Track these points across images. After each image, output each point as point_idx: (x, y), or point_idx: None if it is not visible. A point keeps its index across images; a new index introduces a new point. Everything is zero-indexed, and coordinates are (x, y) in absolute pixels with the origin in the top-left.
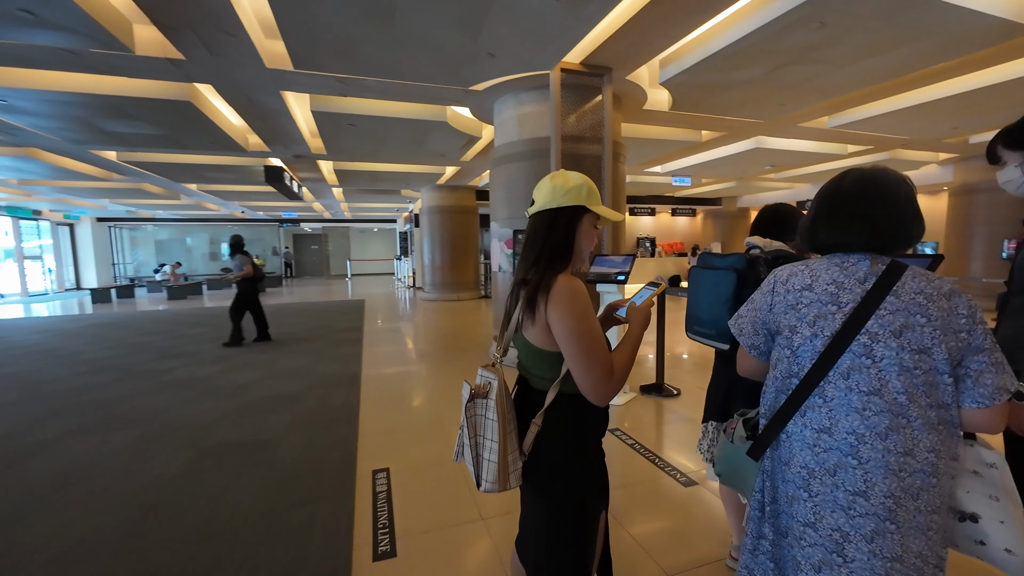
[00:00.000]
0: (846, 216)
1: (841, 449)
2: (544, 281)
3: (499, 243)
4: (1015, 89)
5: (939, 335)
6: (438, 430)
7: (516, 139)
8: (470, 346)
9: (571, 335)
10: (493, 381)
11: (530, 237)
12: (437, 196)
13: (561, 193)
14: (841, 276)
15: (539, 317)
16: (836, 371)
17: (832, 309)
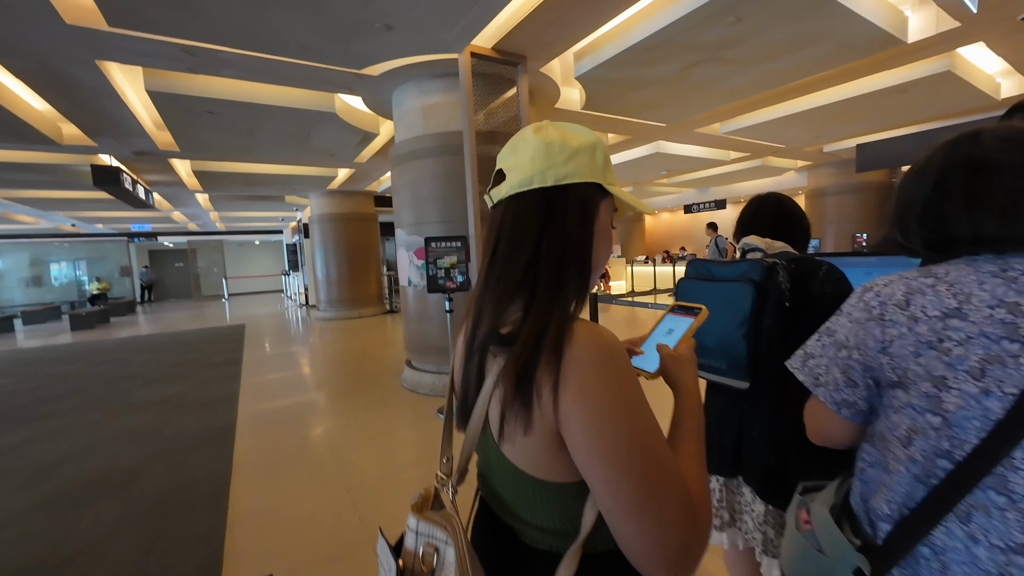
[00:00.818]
0: (1008, 194)
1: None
2: (550, 336)
3: (407, 253)
4: (868, 102)
5: None
6: (342, 496)
7: (421, 133)
8: (377, 371)
9: (622, 454)
10: (445, 546)
11: (505, 242)
12: (329, 203)
13: (563, 157)
14: (1010, 292)
15: (541, 417)
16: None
17: (1013, 349)
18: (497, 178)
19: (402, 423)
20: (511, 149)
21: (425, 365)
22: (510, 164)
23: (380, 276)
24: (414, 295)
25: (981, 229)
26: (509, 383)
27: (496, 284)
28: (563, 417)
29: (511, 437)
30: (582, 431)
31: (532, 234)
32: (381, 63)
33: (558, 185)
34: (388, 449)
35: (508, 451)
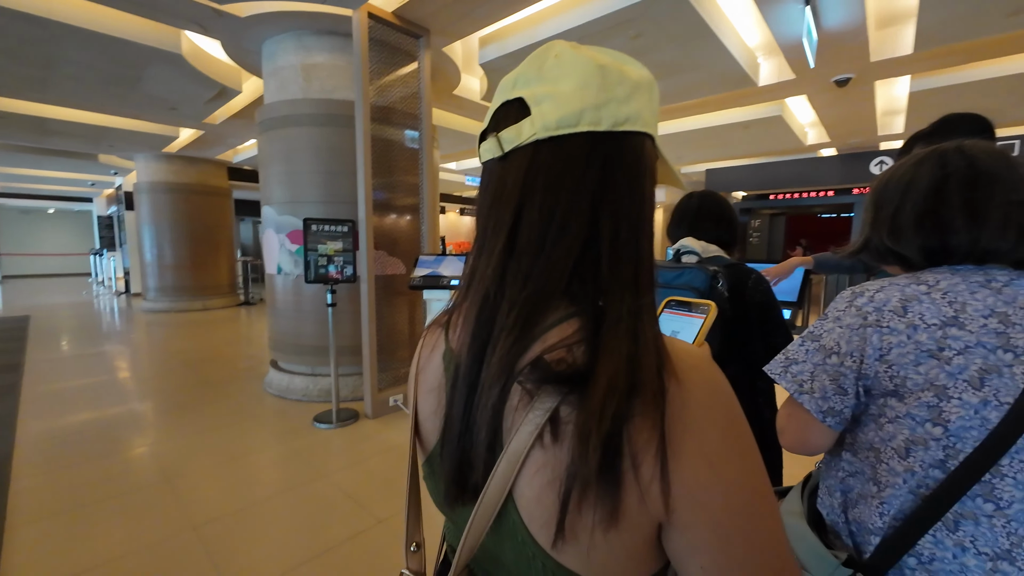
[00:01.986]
0: (1003, 208)
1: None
2: (641, 367)
3: (277, 236)
4: (718, 133)
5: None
6: (188, 539)
7: (300, 97)
8: (231, 375)
9: (760, 542)
10: None
11: (539, 213)
12: (165, 169)
13: (624, 91)
14: (998, 303)
15: (632, 497)
16: (1017, 458)
17: (1007, 358)
18: (508, 111)
19: (267, 437)
20: (537, 70)
21: (297, 366)
22: (540, 91)
23: (233, 262)
24: (284, 285)
25: (977, 240)
26: (591, 450)
27: (526, 279)
28: (678, 503)
29: (579, 532)
30: (708, 512)
31: (586, 200)
32: (251, 2)
33: (614, 131)
34: (248, 474)
35: (566, 553)
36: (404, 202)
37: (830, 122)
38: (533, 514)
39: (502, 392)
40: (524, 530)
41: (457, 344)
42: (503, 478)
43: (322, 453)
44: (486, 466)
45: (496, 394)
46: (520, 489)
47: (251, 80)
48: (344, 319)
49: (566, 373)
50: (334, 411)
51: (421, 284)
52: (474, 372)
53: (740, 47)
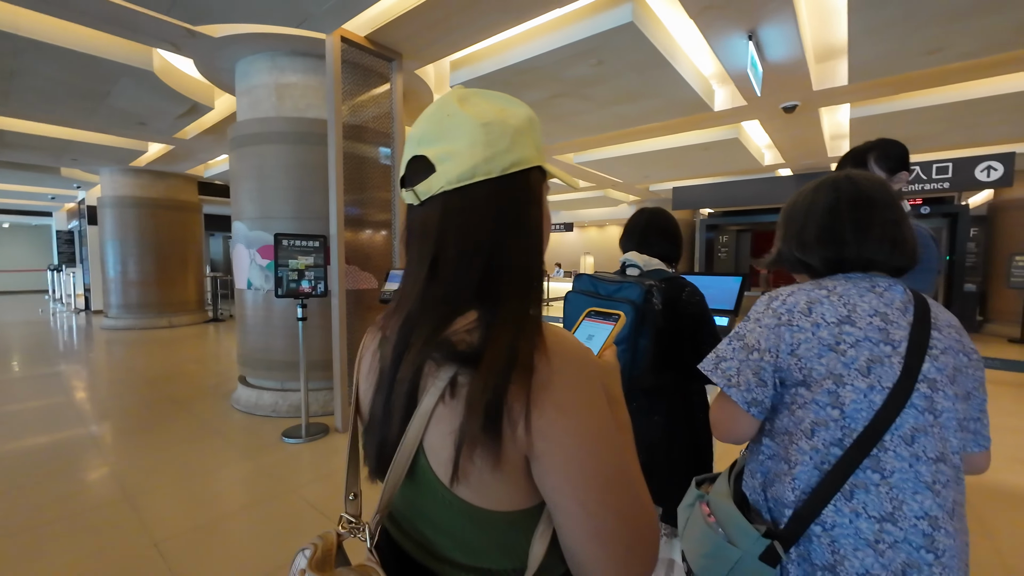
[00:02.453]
0: (879, 224)
1: (911, 542)
2: (518, 348)
3: (247, 251)
4: (681, 153)
5: (976, 374)
6: (148, 556)
7: (273, 115)
8: (196, 393)
9: (602, 480)
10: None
11: (452, 248)
12: (132, 183)
13: (506, 142)
14: (880, 304)
15: (510, 445)
16: (896, 434)
17: (887, 350)
18: (417, 166)
19: (233, 454)
20: (436, 129)
21: (266, 382)
22: (441, 151)
23: (202, 278)
24: (255, 300)
25: (863, 252)
26: (477, 409)
27: (444, 300)
28: (537, 439)
29: (471, 472)
30: (559, 452)
31: (486, 236)
32: (225, 24)
33: (505, 175)
34: (213, 490)
35: (464, 488)
36: (377, 217)
37: (783, 145)
38: (437, 458)
39: (419, 368)
40: (431, 471)
41: (389, 342)
42: (416, 429)
43: (291, 468)
44: (402, 424)
45: (413, 374)
46: (428, 439)
47: (224, 97)
48: (315, 333)
49: (463, 351)
50: (304, 426)
51: (391, 298)
52: (396, 365)
53: (695, 75)
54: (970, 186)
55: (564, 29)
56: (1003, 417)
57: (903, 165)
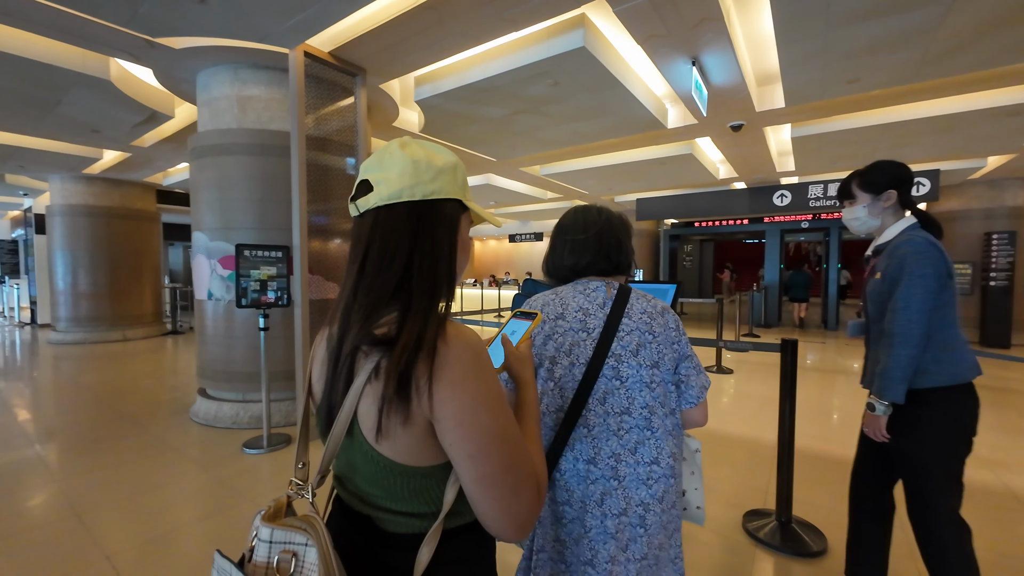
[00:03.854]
0: (570, 244)
1: (605, 475)
2: (425, 336)
3: (208, 261)
4: (640, 167)
5: (664, 348)
6: (101, 568)
7: (235, 127)
8: (152, 408)
9: (488, 437)
10: (305, 548)
11: (377, 252)
12: (84, 191)
13: (429, 176)
14: (586, 302)
15: (418, 409)
16: (594, 397)
17: (583, 336)
18: (362, 188)
19: (190, 467)
20: (377, 162)
21: (226, 393)
22: (378, 177)
23: (160, 289)
24: (215, 311)
25: (577, 263)
26: (391, 380)
27: (368, 292)
28: (436, 406)
29: (389, 431)
30: (453, 416)
31: (404, 245)
32: (185, 37)
33: (425, 200)
34: (168, 503)
35: (384, 446)
36: (342, 227)
37: (735, 160)
38: (366, 425)
39: (354, 355)
40: (362, 435)
41: (332, 336)
42: (351, 402)
43: (250, 478)
44: (343, 398)
45: (350, 359)
46: (360, 410)
47: (185, 105)
48: (277, 344)
49: (384, 339)
50: (265, 436)
51: None
52: (338, 348)
53: (648, 95)
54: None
55: (520, 51)
56: None
57: (889, 184)
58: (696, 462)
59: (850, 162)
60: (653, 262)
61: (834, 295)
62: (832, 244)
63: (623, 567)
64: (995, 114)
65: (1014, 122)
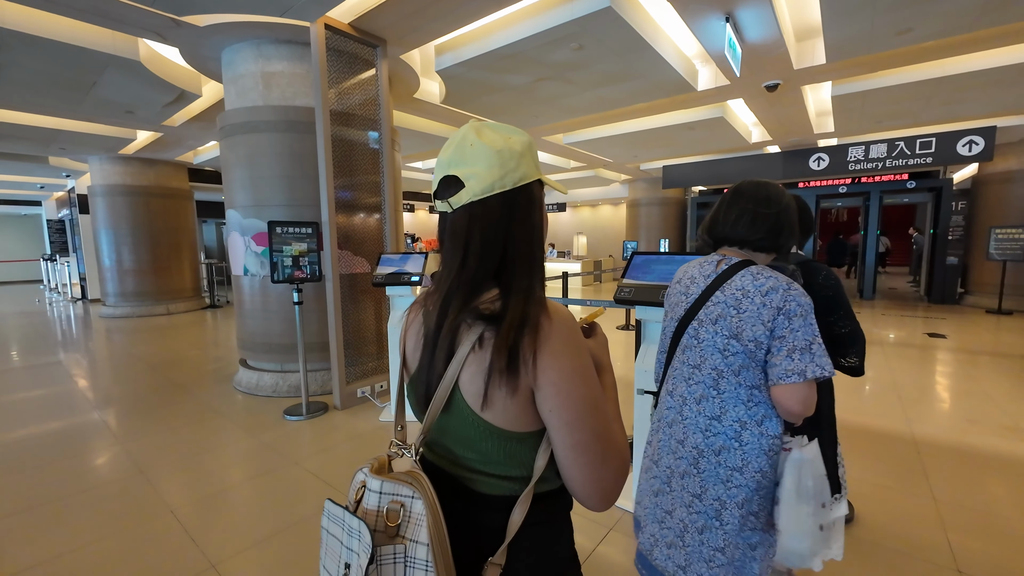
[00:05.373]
0: (762, 217)
1: (673, 408)
2: (529, 315)
3: (242, 238)
4: (668, 133)
5: (747, 324)
6: (165, 521)
7: (261, 104)
8: (199, 377)
9: (582, 407)
10: (412, 500)
11: (476, 242)
12: (122, 171)
13: (514, 163)
14: (697, 272)
15: (523, 380)
16: (680, 347)
17: (682, 299)
18: (449, 183)
19: (237, 432)
20: (459, 156)
21: (266, 364)
22: (466, 172)
23: (197, 265)
24: (251, 286)
25: (726, 230)
26: (502, 353)
27: (472, 276)
28: (540, 375)
29: (495, 399)
30: (554, 384)
31: (501, 233)
32: (209, 13)
33: (514, 188)
34: (221, 464)
35: (487, 412)
36: (367, 201)
37: (769, 123)
38: (469, 392)
39: (456, 328)
40: (464, 403)
41: (432, 313)
42: (453, 370)
43: (292, 443)
44: (443, 368)
45: (452, 332)
46: (462, 379)
47: (211, 84)
48: (311, 317)
49: (489, 314)
50: (304, 404)
51: (383, 281)
52: (439, 328)
53: (677, 56)
54: (953, 160)
55: (544, 14)
56: (961, 381)
57: None
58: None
59: (896, 121)
60: (680, 231)
61: (871, 264)
62: (872, 209)
63: (678, 483)
64: None
65: None
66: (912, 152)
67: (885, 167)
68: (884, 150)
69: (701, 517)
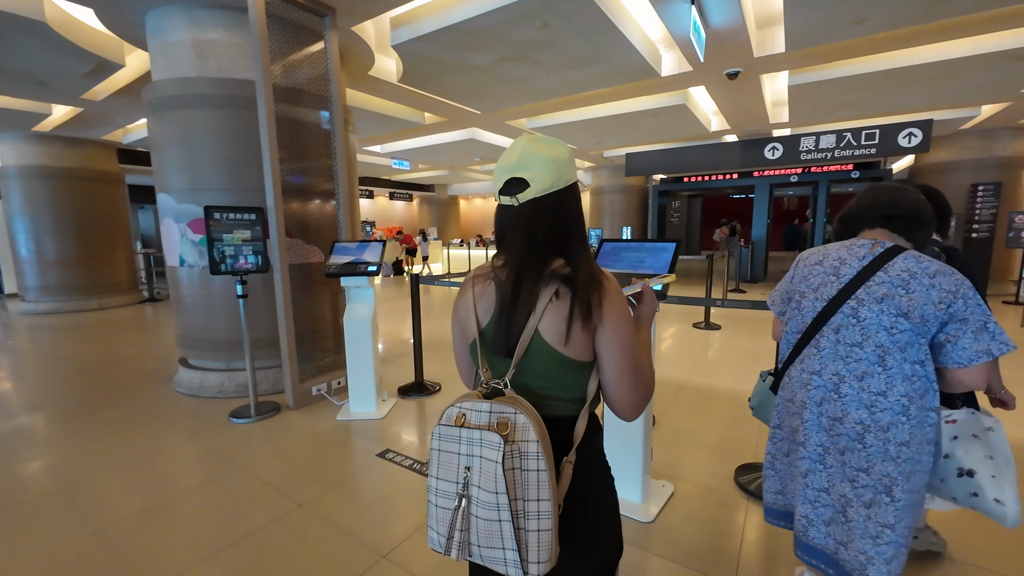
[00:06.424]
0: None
1: (826, 386)
2: (595, 276)
3: (176, 225)
4: (632, 120)
5: (916, 304)
6: (87, 545)
7: (194, 75)
8: (135, 378)
9: (628, 341)
10: (515, 415)
11: (542, 225)
12: (39, 151)
13: (564, 169)
14: (846, 255)
15: (591, 324)
16: (829, 327)
17: (832, 279)
18: (515, 183)
19: (178, 438)
20: (523, 163)
21: (209, 363)
22: (531, 175)
23: (132, 255)
24: (190, 277)
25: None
26: (583, 303)
27: (540, 251)
28: (604, 317)
29: (573, 337)
30: (612, 323)
31: (558, 219)
32: None
33: (565, 187)
34: (160, 474)
35: (571, 346)
36: (321, 187)
37: (728, 111)
38: (549, 333)
39: (534, 288)
40: (544, 342)
41: (507, 281)
42: (535, 319)
43: (240, 447)
44: (525, 319)
45: (532, 288)
46: (541, 325)
47: (137, 53)
48: (261, 310)
49: (564, 275)
50: (252, 405)
51: (337, 272)
52: (517, 290)
53: (643, 40)
54: (894, 151)
55: None
56: None
57: None
58: (991, 443)
59: (848, 112)
60: (642, 219)
61: None
62: (820, 198)
63: (835, 460)
64: (999, 58)
65: (1016, 67)
66: (858, 143)
67: (833, 157)
68: (833, 140)
69: (868, 491)
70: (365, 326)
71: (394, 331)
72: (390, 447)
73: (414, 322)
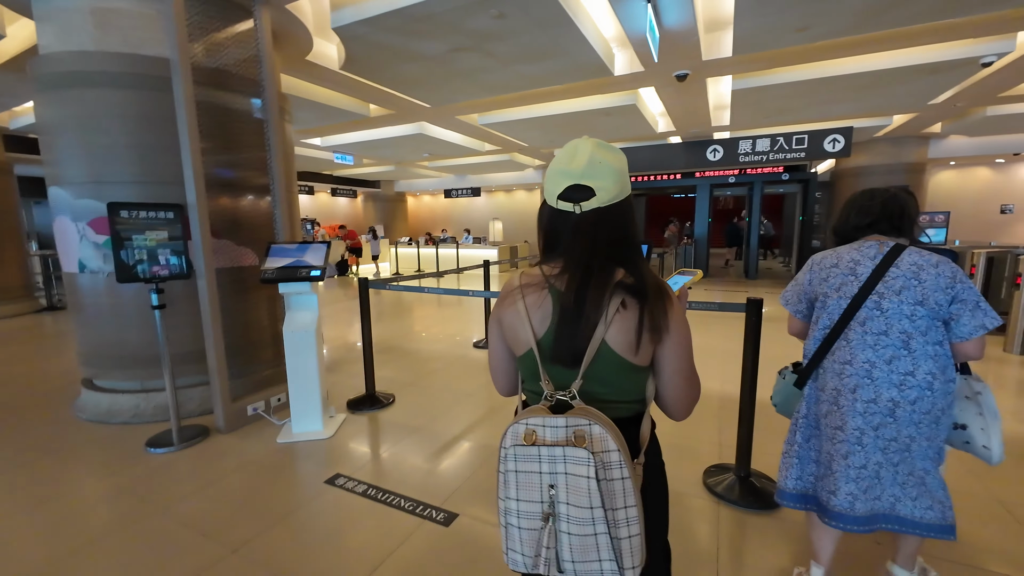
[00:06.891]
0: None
1: (858, 374)
2: (661, 286)
3: (74, 225)
4: (585, 118)
5: (928, 292)
6: None
7: (92, 49)
8: (29, 403)
9: (688, 347)
10: (590, 427)
11: (605, 232)
12: None
13: (626, 179)
14: (858, 256)
15: (659, 333)
16: (855, 321)
17: (851, 279)
18: (582, 191)
19: (81, 473)
20: (590, 171)
21: (121, 383)
22: (597, 184)
23: (25, 257)
24: (93, 285)
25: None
26: (655, 313)
27: (604, 260)
28: (671, 326)
29: (642, 344)
30: (677, 332)
31: (620, 229)
32: None
33: (627, 197)
34: (62, 518)
35: (636, 356)
36: (253, 182)
37: (675, 113)
38: (618, 342)
39: (601, 298)
40: (612, 352)
41: (563, 291)
42: (602, 329)
43: (160, 482)
44: (592, 329)
45: (598, 299)
46: (609, 335)
47: (23, 22)
48: (185, 320)
49: (630, 285)
50: (174, 430)
51: (275, 277)
52: (581, 299)
53: (598, 37)
54: (819, 156)
55: None
56: None
57: None
58: (979, 402)
59: (782, 117)
60: None
61: (755, 246)
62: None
63: (871, 437)
64: (914, 71)
65: (930, 80)
66: (790, 147)
67: (768, 160)
68: (768, 144)
69: (896, 455)
70: (308, 336)
71: (340, 335)
72: (340, 471)
73: (363, 329)
